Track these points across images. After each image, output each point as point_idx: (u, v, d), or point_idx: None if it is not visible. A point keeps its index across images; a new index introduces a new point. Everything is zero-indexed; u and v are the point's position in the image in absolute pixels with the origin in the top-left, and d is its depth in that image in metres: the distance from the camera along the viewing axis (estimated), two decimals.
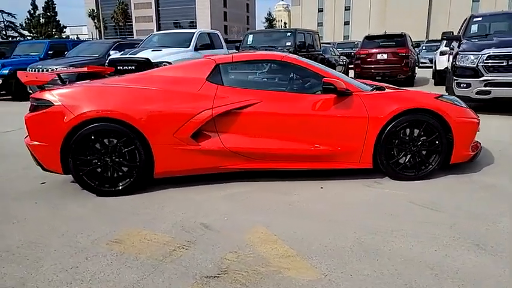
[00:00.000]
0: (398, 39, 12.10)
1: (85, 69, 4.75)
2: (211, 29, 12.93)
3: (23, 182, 3.99)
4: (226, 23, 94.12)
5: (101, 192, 3.50)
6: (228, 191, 3.57)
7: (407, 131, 3.62)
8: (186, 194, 3.52)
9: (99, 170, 3.49)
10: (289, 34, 9.99)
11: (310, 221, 2.92)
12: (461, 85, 6.82)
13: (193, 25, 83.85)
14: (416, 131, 3.62)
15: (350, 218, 2.94)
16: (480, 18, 7.87)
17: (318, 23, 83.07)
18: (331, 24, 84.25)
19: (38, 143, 3.45)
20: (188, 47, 10.18)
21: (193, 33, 10.58)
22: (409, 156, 3.65)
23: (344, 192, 3.47)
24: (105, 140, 3.44)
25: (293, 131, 3.57)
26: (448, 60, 9.93)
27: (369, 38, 12.60)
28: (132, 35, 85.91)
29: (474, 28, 7.70)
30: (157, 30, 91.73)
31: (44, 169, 3.58)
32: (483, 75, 6.55)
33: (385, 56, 11.89)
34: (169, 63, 9.17)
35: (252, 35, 10.39)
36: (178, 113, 3.47)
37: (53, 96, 3.42)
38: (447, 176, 3.76)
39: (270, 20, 63.87)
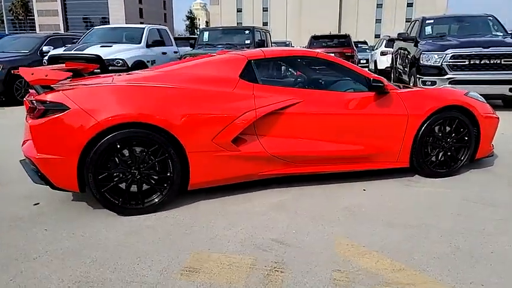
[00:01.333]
0: (343, 40, 12.51)
1: (63, 66, 4.04)
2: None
3: (12, 203, 3.26)
4: (142, 19, 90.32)
5: (126, 211, 2.98)
6: (271, 199, 3.25)
7: (441, 128, 3.62)
8: (226, 206, 3.14)
9: (123, 185, 2.96)
10: (247, 32, 9.74)
11: (384, 227, 2.75)
12: (427, 83, 7.17)
13: (105, 21, 79.12)
14: (447, 128, 3.64)
15: (422, 221, 2.83)
16: (432, 21, 8.39)
17: (237, 23, 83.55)
18: (251, 24, 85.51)
19: (48, 156, 2.80)
20: (139, 43, 9.44)
21: (143, 28, 9.84)
22: (441, 153, 3.67)
23: (390, 193, 3.36)
24: (133, 149, 2.92)
25: (335, 131, 3.38)
26: (393, 60, 10.48)
27: (315, 38, 12.84)
28: (34, 29, 78.47)
29: (428, 30, 8.18)
30: (64, 26, 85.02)
31: (53, 187, 2.94)
32: (447, 74, 6.97)
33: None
34: (124, 60, 8.44)
35: (207, 32, 9.94)
36: (218, 115, 3.07)
37: (68, 97, 2.81)
38: (470, 170, 3.85)
39: (191, 18, 62.60)
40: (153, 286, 2.11)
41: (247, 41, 9.51)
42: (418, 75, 7.39)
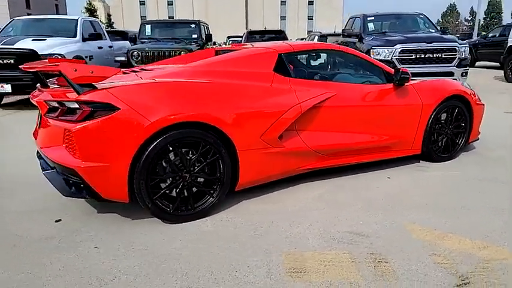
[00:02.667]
0: (279, 36, 12.78)
1: (46, 61, 3.55)
2: (11, 17, 11.02)
3: (27, 221, 2.79)
4: (30, 11, 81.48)
5: (178, 218, 2.75)
6: (308, 194, 3.24)
7: (445, 115, 3.94)
8: (272, 204, 3.06)
9: (173, 190, 2.73)
10: (193, 26, 9.40)
11: (434, 210, 2.93)
12: None
13: None
14: (449, 116, 3.98)
15: (460, 202, 3.06)
16: (373, 18, 9.01)
17: (141, 17, 79.93)
18: (155, 17, 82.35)
19: (95, 164, 2.45)
20: (74, 36, 8.58)
21: (77, 20, 8.95)
22: (444, 139, 4.00)
23: (412, 179, 3.58)
24: (184, 151, 2.70)
25: (364, 122, 3.49)
26: None
27: (251, 33, 12.92)
28: None
29: (371, 26, 8.77)
30: None
31: (99, 199, 2.58)
32: (396, 67, 7.54)
33: None
34: (63, 56, 7.61)
35: (149, 26, 9.36)
36: (266, 111, 2.97)
37: (116, 96, 2.48)
38: (462, 154, 4.26)
39: (90, 11, 58.20)
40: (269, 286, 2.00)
41: (195, 35, 9.21)
42: None
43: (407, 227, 2.66)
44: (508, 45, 11.16)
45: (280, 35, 12.83)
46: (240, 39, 18.45)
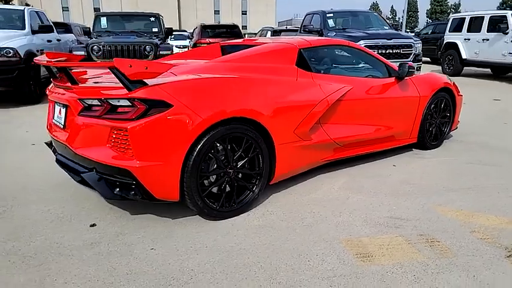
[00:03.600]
0: (233, 30, 12.76)
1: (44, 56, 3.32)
2: None
3: (56, 228, 2.61)
4: None
5: (223, 215, 2.74)
6: (331, 184, 3.39)
7: (435, 106, 4.29)
8: (304, 196, 3.15)
9: (218, 186, 2.72)
10: (153, 19, 9.05)
11: (449, 192, 3.21)
12: None
13: None
14: (438, 107, 4.33)
15: (467, 184, 3.38)
16: (332, 15, 9.36)
17: (62, 8, 74.61)
18: (79, 8, 77.27)
19: (150, 163, 2.36)
20: (22, 28, 7.90)
21: (23, 10, 8.22)
22: (434, 128, 4.35)
23: (417, 166, 3.87)
24: (230, 147, 2.69)
25: (375, 114, 3.69)
26: None
27: (205, 27, 12.75)
28: None
29: (331, 22, 9.12)
30: None
31: (152, 200, 2.48)
32: None
33: None
34: (15, 50, 7.03)
35: (105, 18, 8.84)
36: (300, 105, 3.04)
37: (169, 93, 2.40)
38: (445, 142, 4.67)
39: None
40: (350, 275, 2.10)
41: (155, 29, 8.89)
42: None
43: (436, 209, 2.90)
44: (445, 42, 12.22)
45: (234, 29, 12.82)
46: (188, 33, 18.10)
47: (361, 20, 9.45)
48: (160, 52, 7.85)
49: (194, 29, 14.49)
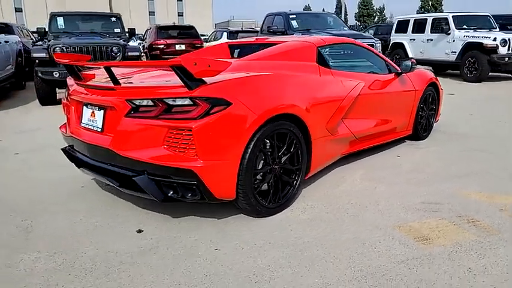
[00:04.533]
0: (190, 31, 12.58)
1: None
2: None
3: (103, 236, 2.46)
4: None
5: (270, 211, 2.75)
6: (350, 176, 3.52)
7: (425, 100, 4.60)
8: (332, 189, 3.25)
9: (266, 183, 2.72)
10: (114, 19, 8.62)
11: (464, 178, 3.46)
12: None
13: None
14: (426, 100, 4.65)
15: (467, 170, 3.68)
16: (294, 16, 9.60)
17: None
18: None
19: (212, 163, 2.31)
20: None
21: None
22: (424, 120, 4.67)
23: (420, 155, 4.15)
24: (276, 143, 2.70)
25: (383, 108, 3.88)
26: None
27: (160, 29, 12.41)
28: None
29: (295, 24, 9.34)
30: None
31: (212, 200, 2.42)
32: None
33: (183, 47, 12.15)
34: None
35: (62, 18, 8.26)
36: (331, 100, 3.14)
37: (227, 91, 2.36)
38: (431, 134, 5.01)
39: None
40: (422, 257, 2.22)
41: (117, 29, 8.49)
42: None
43: (460, 193, 3.13)
44: (392, 42, 13.03)
45: (191, 30, 12.64)
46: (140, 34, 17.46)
47: (321, 21, 9.80)
48: (129, 53, 7.55)
49: (147, 30, 14.05)
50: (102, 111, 2.60)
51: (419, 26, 12.12)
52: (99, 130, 2.62)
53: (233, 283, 2.02)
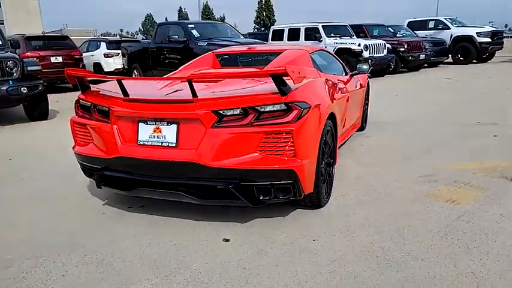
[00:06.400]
0: (65, 41, 11.44)
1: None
2: None
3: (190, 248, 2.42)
4: None
5: (322, 203, 3.04)
6: (347, 164, 4.04)
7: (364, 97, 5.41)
8: (341, 176, 3.70)
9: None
10: None
11: (433, 155, 4.30)
12: None
13: None
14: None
15: (432, 146, 4.57)
16: (193, 25, 9.70)
17: None
18: None
19: (306, 161, 2.51)
20: None
21: None
22: (364, 113, 5.48)
23: (378, 143, 4.87)
24: (326, 139, 3.01)
25: (354, 105, 4.47)
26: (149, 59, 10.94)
27: (29, 39, 10.92)
28: None
29: (195, 33, 9.46)
30: None
31: (300, 196, 2.59)
32: None
33: (60, 59, 11.00)
34: None
35: None
36: (341, 98, 3.57)
37: (305, 95, 2.58)
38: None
39: None
40: (464, 215, 2.82)
41: None
42: None
43: (442, 166, 3.89)
44: None
45: (65, 40, 11.50)
46: None
47: (219, 30, 10.13)
48: (28, 68, 6.67)
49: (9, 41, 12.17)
50: (174, 125, 2.51)
51: (294, 34, 13.51)
52: (173, 145, 2.52)
53: (356, 260, 2.27)
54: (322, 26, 12.66)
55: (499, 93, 8.70)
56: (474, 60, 16.38)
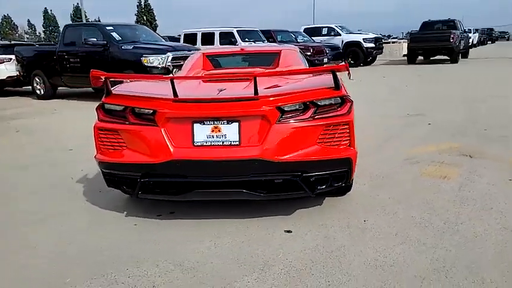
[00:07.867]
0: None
1: None
2: None
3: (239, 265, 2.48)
4: None
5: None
6: None
7: None
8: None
9: None
10: None
11: (402, 140, 4.89)
12: None
13: None
14: None
15: (396, 133, 5.18)
16: (112, 28, 9.13)
17: None
18: None
19: (355, 150, 2.74)
20: None
21: None
22: None
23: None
24: None
25: None
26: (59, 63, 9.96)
27: None
28: None
29: (116, 35, 8.94)
30: None
31: (348, 183, 2.81)
32: (171, 73, 8.52)
33: None
34: None
35: None
36: None
37: (345, 89, 2.80)
38: None
39: None
40: (462, 186, 3.35)
41: None
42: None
43: (411, 151, 4.46)
44: None
45: None
46: None
47: (140, 33, 9.72)
48: None
49: None
50: (235, 123, 2.52)
51: (208, 39, 13.60)
52: (236, 143, 2.52)
53: (414, 230, 2.59)
54: (237, 31, 13.01)
55: (404, 89, 10.03)
56: (361, 64, 18.40)
